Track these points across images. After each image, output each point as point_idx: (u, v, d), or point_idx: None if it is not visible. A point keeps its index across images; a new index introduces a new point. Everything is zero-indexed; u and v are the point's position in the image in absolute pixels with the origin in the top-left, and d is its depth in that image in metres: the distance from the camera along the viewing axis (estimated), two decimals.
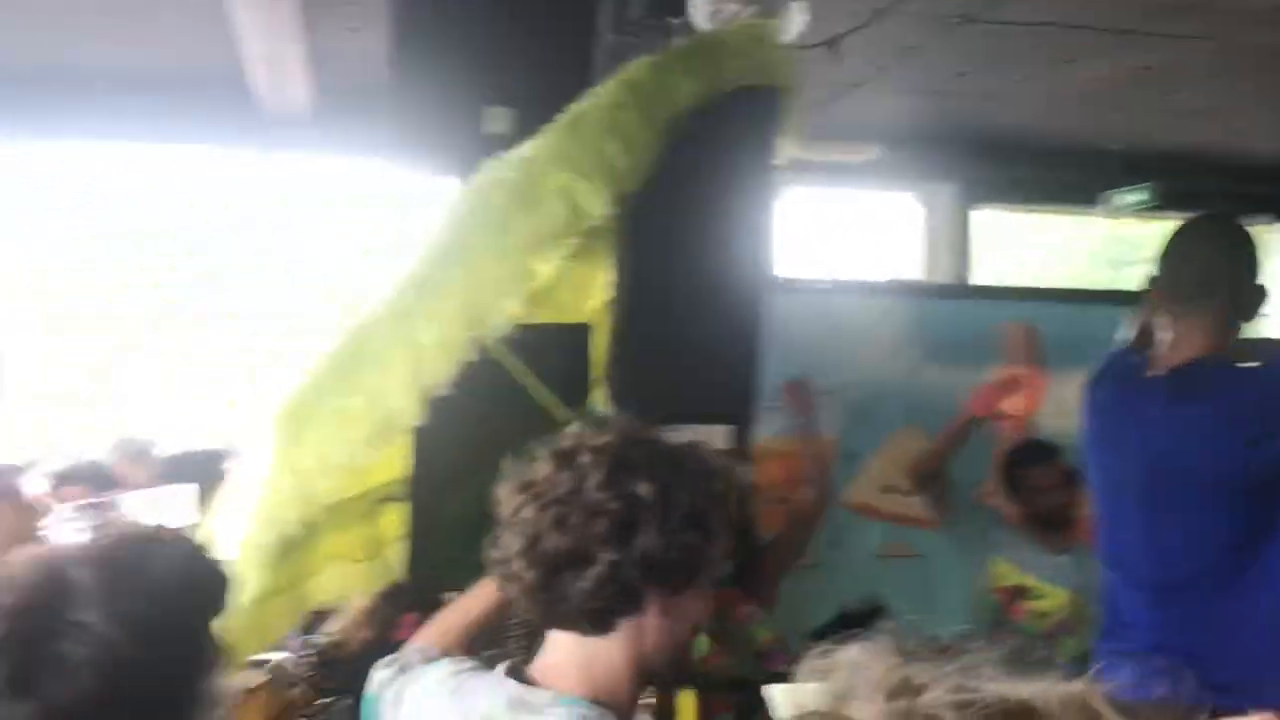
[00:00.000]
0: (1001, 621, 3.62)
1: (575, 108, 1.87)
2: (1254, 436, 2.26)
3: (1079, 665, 2.86)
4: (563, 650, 1.40)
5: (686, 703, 2.17)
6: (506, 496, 1.42)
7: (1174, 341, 2.42)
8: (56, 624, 1.19)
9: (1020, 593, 3.63)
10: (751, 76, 2.09)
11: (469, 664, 1.54)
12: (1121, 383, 2.57)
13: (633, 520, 1.35)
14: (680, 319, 2.10)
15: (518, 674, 1.42)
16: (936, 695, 0.74)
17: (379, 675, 1.58)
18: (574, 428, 1.46)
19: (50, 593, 1.21)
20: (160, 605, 1.24)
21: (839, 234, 6.33)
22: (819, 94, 5.03)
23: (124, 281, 9.91)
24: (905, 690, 0.75)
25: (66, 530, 3.46)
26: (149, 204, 9.61)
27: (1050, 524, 3.64)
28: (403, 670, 1.58)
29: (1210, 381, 2.35)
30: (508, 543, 1.39)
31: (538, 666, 1.42)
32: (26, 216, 8.42)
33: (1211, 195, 6.29)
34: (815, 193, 6.32)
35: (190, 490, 2.91)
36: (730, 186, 2.13)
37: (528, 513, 1.37)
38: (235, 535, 1.81)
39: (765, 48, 2.14)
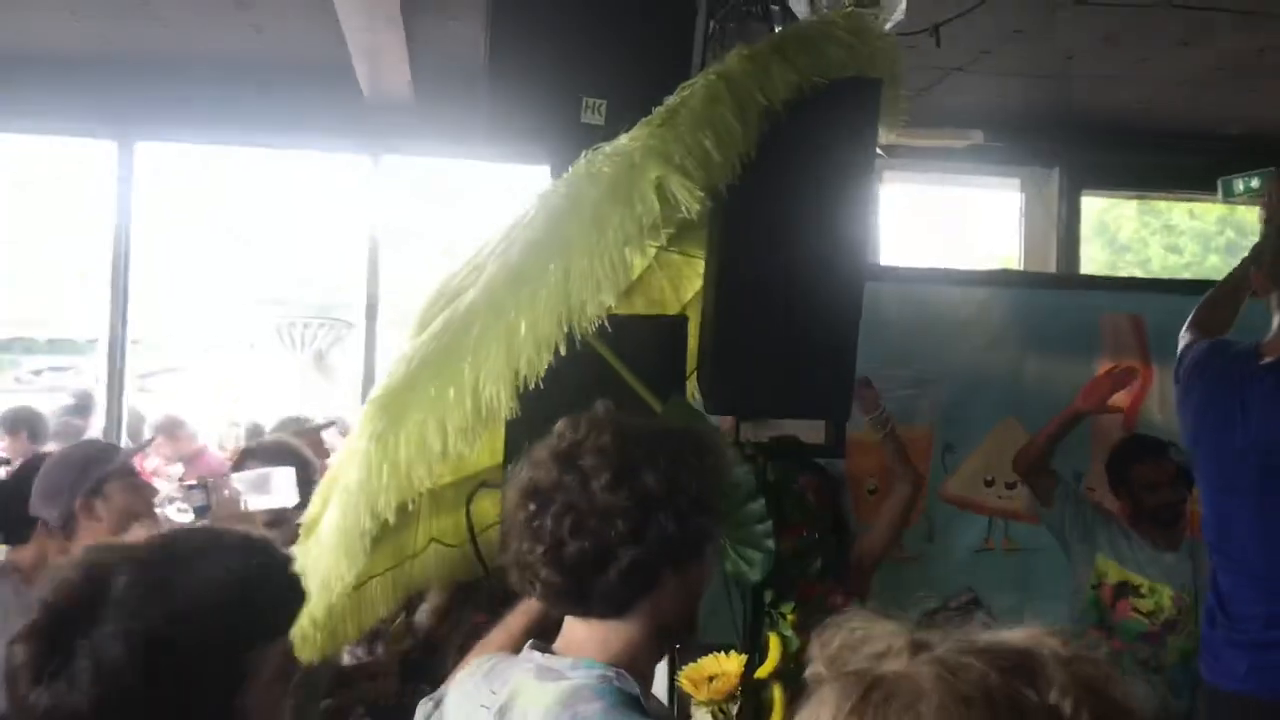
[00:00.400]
0: (1105, 619, 3.54)
1: (671, 101, 1.86)
2: None
3: (1186, 664, 2.81)
4: (581, 631, 1.49)
5: (776, 695, 2.16)
6: (512, 501, 1.49)
7: None
8: (79, 630, 1.23)
9: (1125, 590, 3.54)
10: (852, 66, 2.06)
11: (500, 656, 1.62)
12: (1229, 372, 2.50)
13: (646, 514, 1.42)
14: (775, 311, 2.08)
15: (542, 650, 1.50)
16: (943, 645, 0.80)
17: (420, 713, 1.65)
18: (562, 425, 1.51)
19: (83, 597, 1.25)
20: (182, 626, 1.26)
21: (942, 222, 6.22)
22: (921, 79, 4.95)
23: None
24: (914, 645, 0.81)
25: (173, 511, 3.57)
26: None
27: (1158, 521, 3.55)
28: (439, 702, 1.64)
29: None
30: (525, 548, 1.46)
31: (558, 645, 1.51)
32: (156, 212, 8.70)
33: None
34: (918, 179, 6.21)
35: (289, 473, 2.97)
36: (828, 177, 2.10)
37: (543, 520, 1.43)
38: (332, 520, 1.85)
39: (866, 37, 2.10)
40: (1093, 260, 6.17)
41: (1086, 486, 4.22)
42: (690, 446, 1.50)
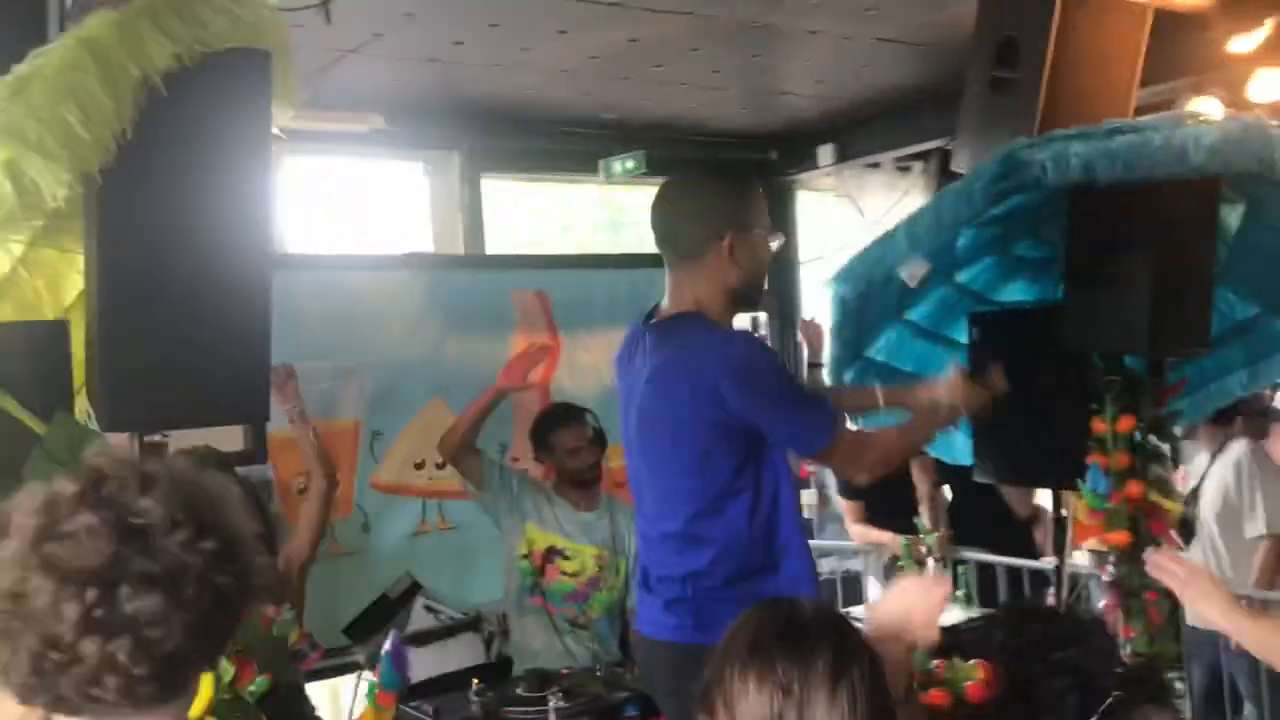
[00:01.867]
0: (539, 586, 3.69)
1: (20, 69, 1.58)
2: (707, 393, 2.34)
3: (610, 616, 2.95)
4: None
5: None
6: (45, 597, 1.11)
7: (669, 295, 2.54)
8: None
9: (552, 554, 3.71)
10: (236, 37, 1.89)
11: None
12: (632, 339, 2.65)
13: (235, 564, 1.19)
14: (173, 308, 1.87)
15: None
16: None
17: None
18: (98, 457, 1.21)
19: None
20: None
21: (347, 206, 6.12)
22: (315, 60, 4.80)
23: None
24: None
25: None
26: None
27: (578, 482, 3.75)
28: None
29: (683, 332, 2.45)
30: (91, 650, 1.10)
31: None
32: None
33: (695, 161, 6.82)
34: (319, 164, 6.05)
35: None
36: (221, 158, 1.92)
37: (114, 608, 1.11)
38: None
39: (249, 6, 1.94)
40: (501, 240, 6.40)
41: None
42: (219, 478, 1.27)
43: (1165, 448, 3.65)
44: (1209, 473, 4.59)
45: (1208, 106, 3.67)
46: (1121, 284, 3.04)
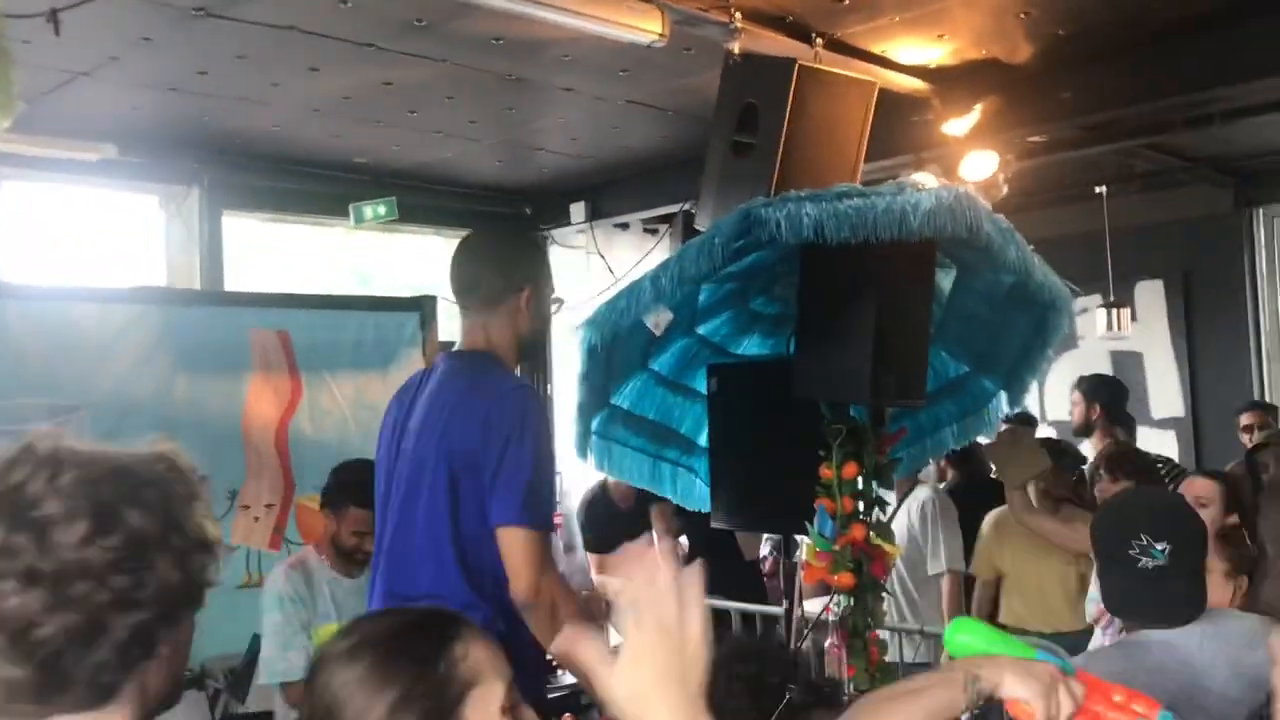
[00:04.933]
0: None
1: None
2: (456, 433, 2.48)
3: None
4: None
5: None
6: None
7: (464, 338, 2.69)
8: None
9: None
10: None
11: None
12: (415, 378, 2.77)
13: (142, 563, 1.13)
14: None
15: None
16: None
17: None
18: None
19: None
20: None
21: (73, 237, 5.74)
22: (43, 80, 4.52)
23: None
24: None
25: None
26: None
27: (346, 556, 3.47)
28: None
29: (481, 366, 2.59)
30: None
31: None
32: None
33: (448, 211, 6.80)
34: (43, 191, 5.66)
35: None
36: None
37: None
38: None
39: None
40: (241, 279, 6.15)
41: (241, 504, 4.21)
42: (166, 466, 1.22)
43: (888, 495, 3.89)
44: (894, 517, 4.94)
45: (925, 179, 3.99)
46: (846, 337, 3.23)
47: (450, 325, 4.02)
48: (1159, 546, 2.15)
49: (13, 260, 5.34)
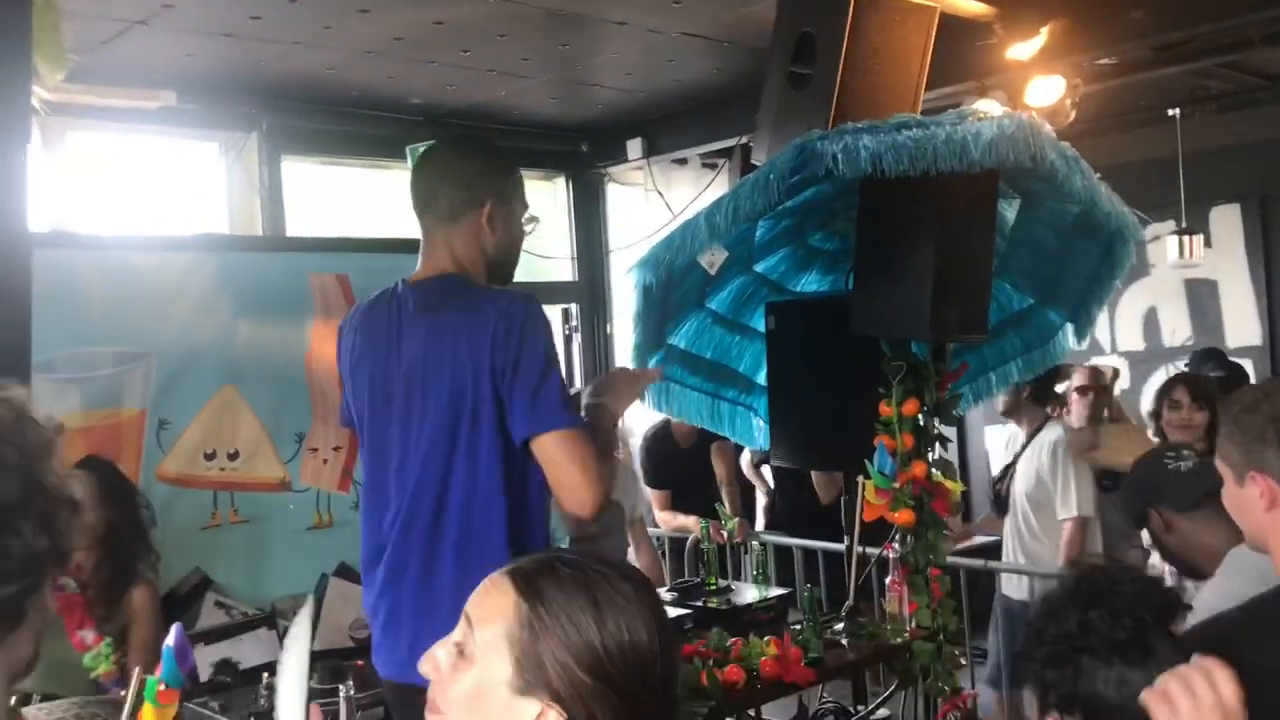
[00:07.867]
0: None
1: None
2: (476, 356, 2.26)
3: None
4: None
5: None
6: None
7: (425, 257, 2.48)
8: None
9: None
10: None
11: None
12: (376, 304, 2.51)
13: (3, 531, 1.05)
14: None
15: None
16: None
17: None
18: None
19: None
20: None
21: (136, 185, 5.81)
22: (99, 30, 4.55)
23: None
24: None
25: None
26: None
27: None
28: None
29: (451, 296, 2.37)
30: None
31: None
32: None
33: (503, 150, 6.75)
34: (106, 140, 5.72)
35: None
36: None
37: None
38: None
39: None
40: (302, 221, 6.19)
41: (309, 446, 4.27)
42: (15, 416, 1.10)
43: (950, 431, 3.84)
44: (1023, 453, 4.84)
45: (988, 106, 3.87)
46: (906, 273, 3.17)
47: None
48: None
49: (79, 210, 5.41)
